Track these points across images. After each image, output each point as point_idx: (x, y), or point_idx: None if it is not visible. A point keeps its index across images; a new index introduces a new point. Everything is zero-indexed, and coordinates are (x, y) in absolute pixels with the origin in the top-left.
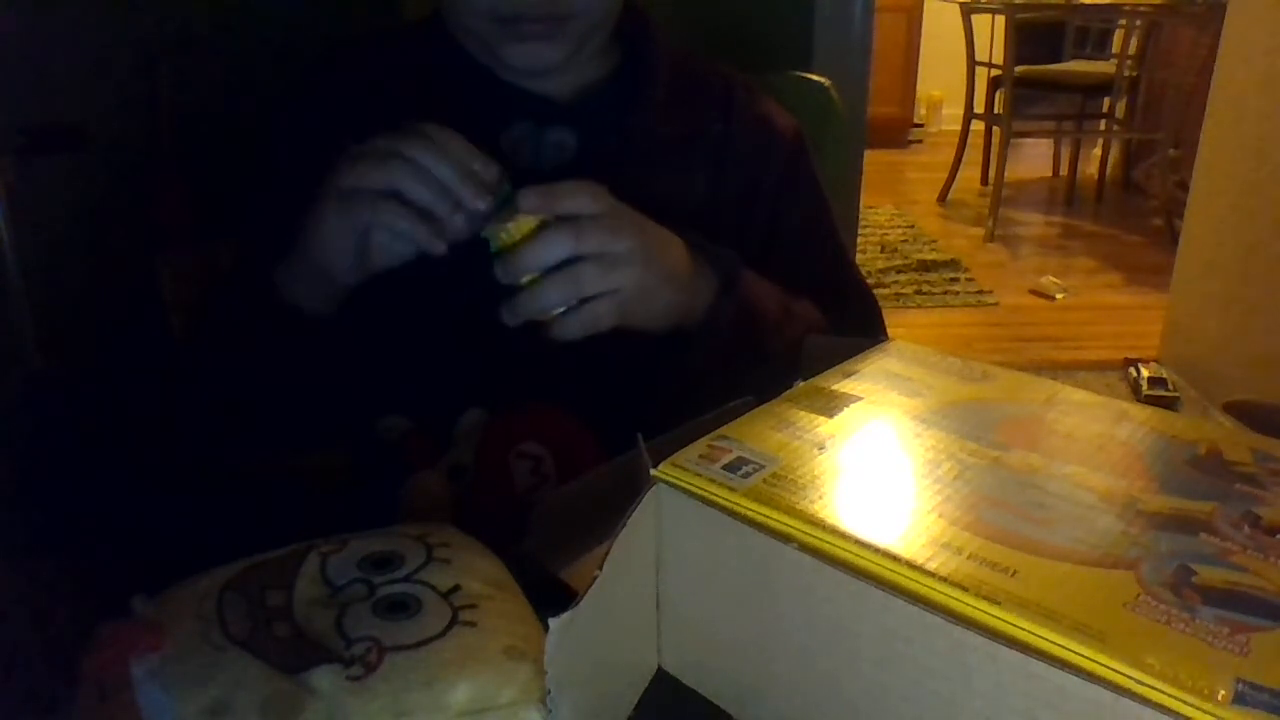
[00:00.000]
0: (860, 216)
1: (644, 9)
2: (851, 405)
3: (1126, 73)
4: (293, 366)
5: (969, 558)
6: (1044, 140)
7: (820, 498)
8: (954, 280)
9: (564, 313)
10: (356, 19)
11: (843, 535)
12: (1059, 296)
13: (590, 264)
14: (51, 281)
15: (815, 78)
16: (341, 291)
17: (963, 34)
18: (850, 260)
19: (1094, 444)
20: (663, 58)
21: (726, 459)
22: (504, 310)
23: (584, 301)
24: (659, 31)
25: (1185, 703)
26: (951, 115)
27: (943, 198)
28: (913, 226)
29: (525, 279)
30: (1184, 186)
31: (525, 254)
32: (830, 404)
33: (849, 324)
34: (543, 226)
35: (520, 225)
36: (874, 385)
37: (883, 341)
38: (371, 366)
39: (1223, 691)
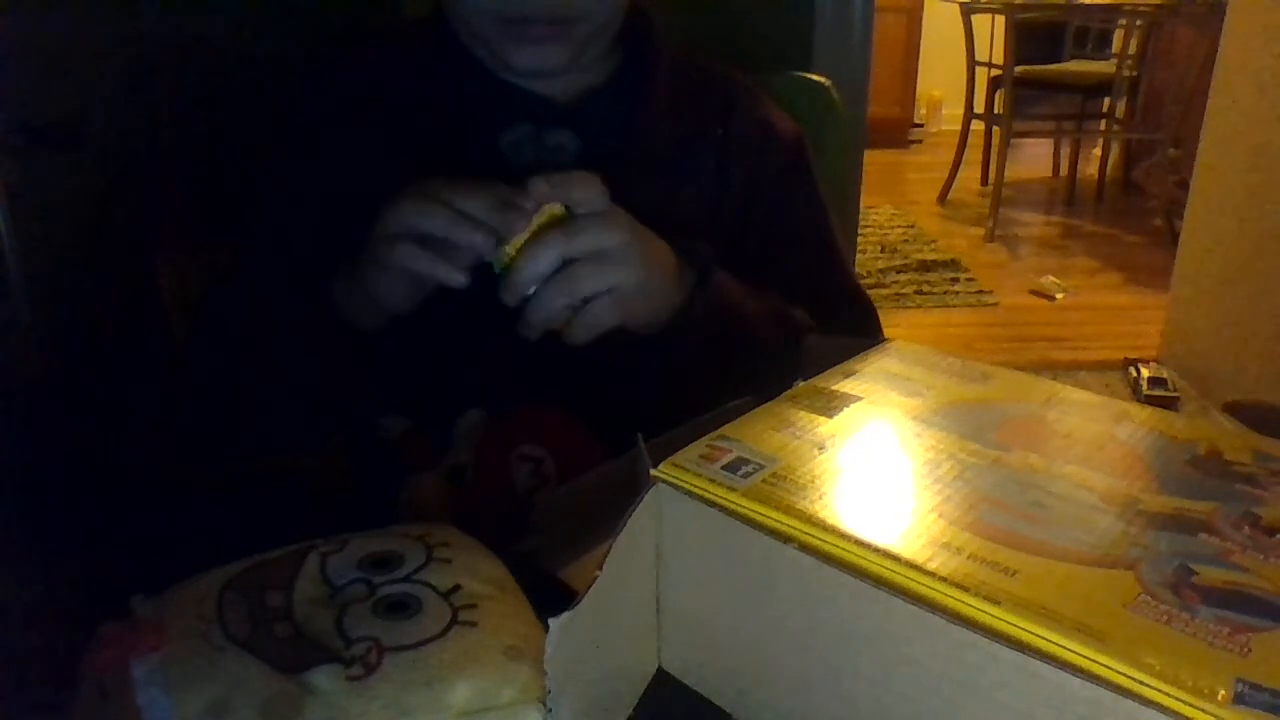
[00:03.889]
0: (860, 216)
1: (646, 11)
2: (851, 405)
3: (1126, 73)
4: (308, 367)
5: (969, 558)
6: (1044, 140)
7: (820, 498)
8: (954, 280)
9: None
10: (358, 18)
11: (843, 535)
12: (1059, 296)
13: (583, 264)
14: (51, 281)
15: (815, 78)
16: (387, 317)
17: (963, 34)
18: (848, 267)
19: (1094, 444)
20: (664, 60)
21: (726, 459)
22: (519, 327)
23: (586, 302)
24: (660, 34)
25: (1185, 703)
26: (951, 115)
27: (943, 198)
28: (913, 226)
29: (530, 292)
30: (1184, 186)
31: (522, 268)
32: (830, 404)
33: (845, 330)
34: (534, 238)
35: (515, 243)
36: (874, 385)
37: (882, 342)
38: (372, 366)
39: (1223, 691)
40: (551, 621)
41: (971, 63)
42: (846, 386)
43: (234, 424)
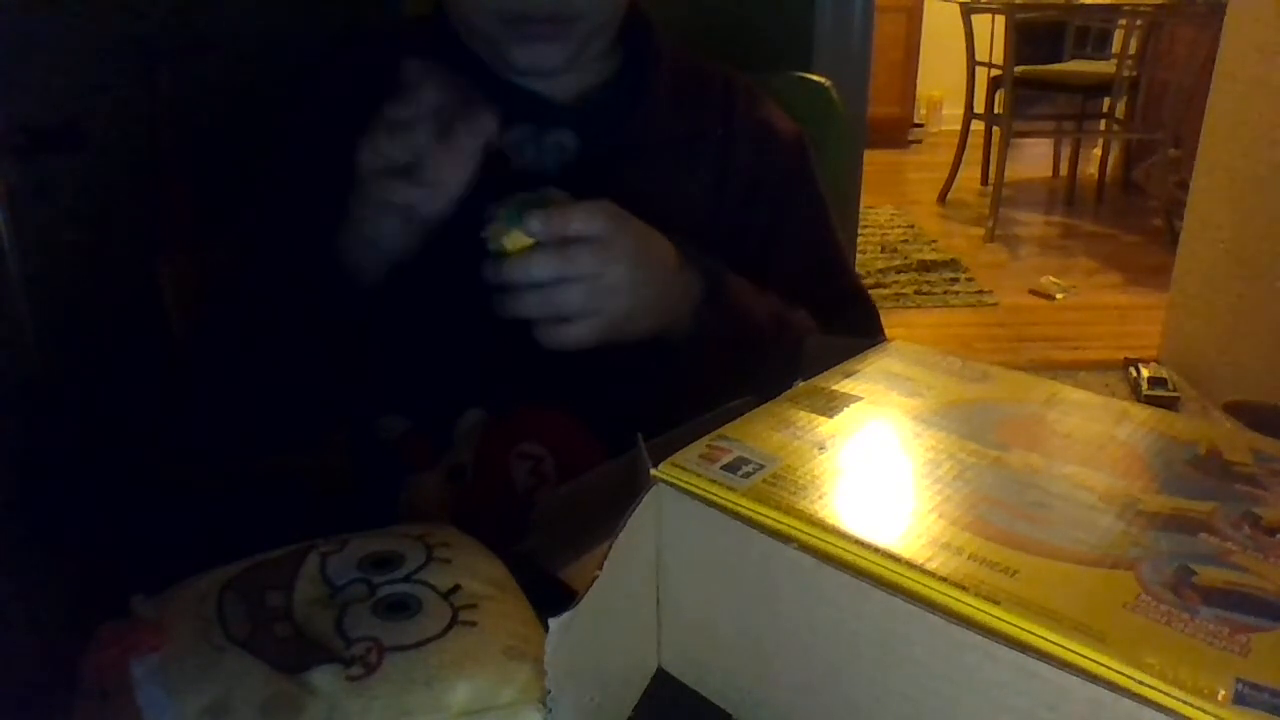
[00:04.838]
0: (860, 216)
1: (645, 11)
2: (851, 405)
3: (1126, 73)
4: (312, 353)
5: (969, 558)
6: (1044, 140)
7: (820, 498)
8: (954, 280)
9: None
10: (357, 19)
11: (843, 535)
12: (1059, 296)
13: (575, 286)
14: (51, 281)
15: (815, 78)
16: (388, 265)
17: (963, 34)
18: (849, 267)
19: (1094, 444)
20: (664, 61)
21: (726, 459)
22: (495, 301)
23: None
24: (660, 34)
25: (1185, 703)
26: (951, 115)
27: (943, 198)
28: (913, 226)
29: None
30: (1184, 186)
31: (514, 267)
32: (830, 404)
33: (846, 330)
34: (534, 248)
35: (516, 239)
36: (874, 385)
37: (882, 342)
38: (372, 366)
39: (1223, 691)
40: (551, 621)
41: (971, 63)
42: (846, 386)
43: (236, 417)
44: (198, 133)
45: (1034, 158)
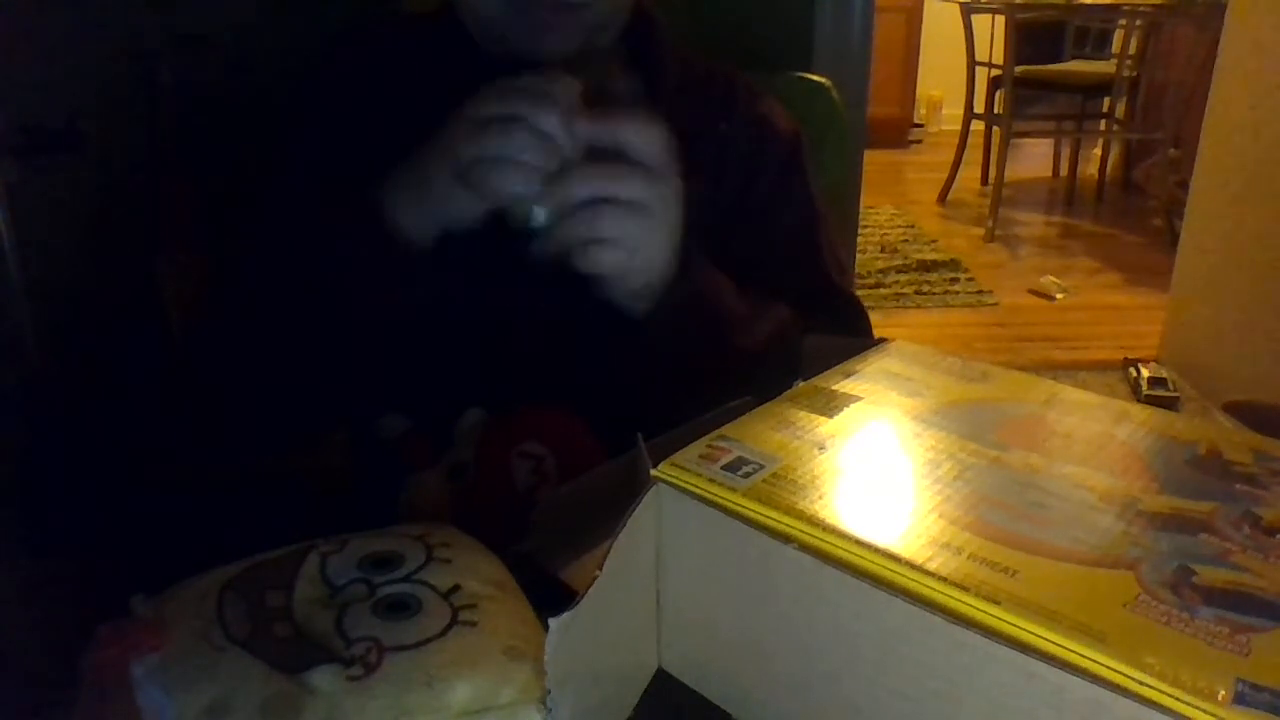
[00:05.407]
0: (860, 216)
1: (650, 11)
2: (851, 405)
3: (1126, 73)
4: (318, 344)
5: (969, 558)
6: (1044, 140)
7: (820, 498)
8: (954, 280)
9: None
10: (359, 16)
11: (843, 535)
12: (1059, 296)
13: (615, 207)
14: (51, 281)
15: (815, 78)
16: (439, 231)
17: (963, 34)
18: (838, 269)
19: (1094, 444)
20: (669, 60)
21: (726, 459)
22: (533, 246)
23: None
24: (665, 34)
25: (1185, 703)
26: (951, 115)
27: (943, 198)
28: (913, 226)
29: (543, 215)
30: (1184, 186)
31: (555, 188)
32: (830, 404)
33: (833, 328)
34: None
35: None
36: (874, 385)
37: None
38: (373, 364)
39: (1223, 691)
40: (551, 621)
41: (971, 63)
42: (846, 386)
43: (237, 417)
44: (198, 133)
45: (1034, 158)
